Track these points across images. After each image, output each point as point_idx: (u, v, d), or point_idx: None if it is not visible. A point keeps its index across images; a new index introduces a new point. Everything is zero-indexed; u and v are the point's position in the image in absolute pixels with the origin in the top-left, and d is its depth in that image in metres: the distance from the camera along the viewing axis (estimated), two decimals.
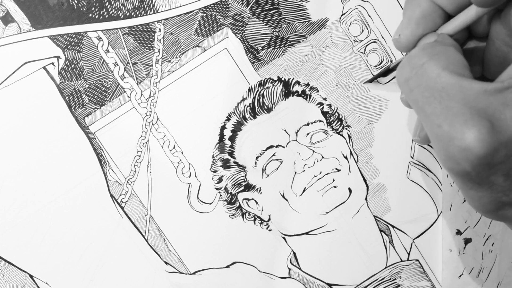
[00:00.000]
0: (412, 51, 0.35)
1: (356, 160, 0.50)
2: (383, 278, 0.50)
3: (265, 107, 0.48)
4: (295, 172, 0.49)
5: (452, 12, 0.36)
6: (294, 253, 0.50)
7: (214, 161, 0.48)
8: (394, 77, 0.49)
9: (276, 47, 0.48)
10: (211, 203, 0.48)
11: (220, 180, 0.48)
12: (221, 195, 0.49)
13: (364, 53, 0.49)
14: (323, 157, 0.49)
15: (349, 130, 0.49)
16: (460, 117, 0.30)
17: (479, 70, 0.39)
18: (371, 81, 0.49)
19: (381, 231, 0.50)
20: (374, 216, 0.50)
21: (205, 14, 0.47)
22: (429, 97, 0.32)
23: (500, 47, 0.36)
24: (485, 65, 0.38)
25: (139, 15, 0.46)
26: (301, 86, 0.49)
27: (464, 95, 0.31)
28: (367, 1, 0.48)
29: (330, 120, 0.49)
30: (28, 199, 0.46)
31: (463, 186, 0.33)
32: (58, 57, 0.46)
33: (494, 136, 0.30)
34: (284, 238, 0.49)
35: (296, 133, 0.48)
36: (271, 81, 0.48)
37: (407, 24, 0.37)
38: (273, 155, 0.48)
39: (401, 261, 0.50)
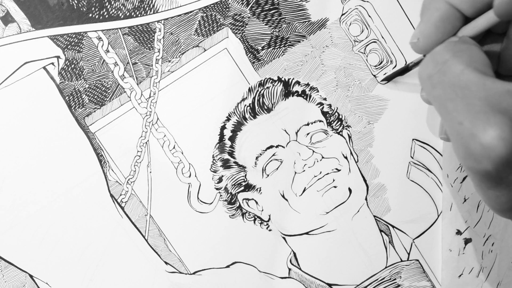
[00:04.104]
0: (436, 48, 0.35)
1: (356, 160, 0.50)
2: (383, 278, 0.50)
3: (265, 107, 0.48)
4: (295, 172, 0.49)
5: (471, 15, 0.36)
6: (294, 253, 0.50)
7: (214, 161, 0.48)
8: (393, 78, 0.49)
9: (276, 47, 0.48)
10: (211, 203, 0.48)
11: (220, 180, 0.48)
12: (221, 195, 0.49)
13: (364, 53, 0.49)
14: (323, 157, 0.49)
15: (349, 130, 0.49)
16: (482, 114, 0.30)
17: (494, 66, 0.38)
18: (388, 79, 0.49)
19: (381, 231, 0.50)
20: (374, 216, 0.50)
21: (205, 14, 0.47)
22: (452, 94, 0.32)
23: None
24: (501, 62, 0.38)
25: (139, 15, 0.46)
26: (301, 86, 0.49)
27: (487, 93, 0.31)
28: (367, 1, 0.48)
29: (330, 120, 0.49)
30: (28, 199, 0.46)
31: (481, 184, 0.33)
32: (58, 57, 0.46)
33: None
34: (284, 238, 0.49)
35: (296, 133, 0.48)
36: (271, 81, 0.48)
37: (425, 27, 0.37)
38: (273, 155, 0.48)
39: (401, 261, 0.50)
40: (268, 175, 0.48)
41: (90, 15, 0.46)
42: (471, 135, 0.31)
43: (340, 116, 0.49)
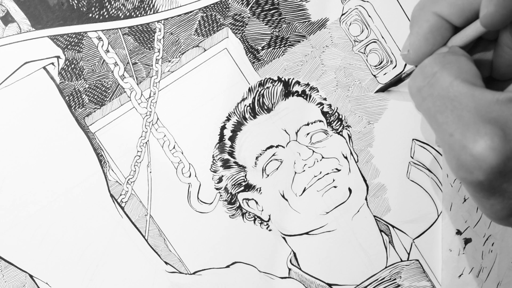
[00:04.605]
0: (425, 61, 0.35)
1: (356, 160, 0.50)
2: (383, 278, 0.50)
3: (265, 107, 0.48)
4: (295, 172, 0.49)
5: (460, 25, 0.36)
6: (294, 253, 0.50)
7: (214, 161, 0.48)
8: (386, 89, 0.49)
9: (276, 47, 0.48)
10: (211, 203, 0.48)
11: (220, 180, 0.48)
12: (221, 195, 0.49)
13: (364, 53, 0.49)
14: (323, 157, 0.49)
15: (349, 130, 0.49)
16: (472, 126, 0.30)
17: (488, 71, 0.39)
18: (382, 90, 0.49)
19: (381, 231, 0.50)
20: (374, 216, 0.50)
21: (205, 14, 0.47)
22: (441, 106, 0.32)
23: (509, 52, 0.36)
24: (494, 67, 0.38)
25: (139, 15, 0.46)
26: (301, 86, 0.49)
27: (476, 104, 0.31)
28: (367, 1, 0.48)
29: (330, 120, 0.49)
30: (28, 199, 0.46)
31: (475, 194, 0.33)
32: (58, 57, 0.46)
33: (506, 144, 0.30)
34: (284, 238, 0.49)
35: (296, 133, 0.48)
36: (271, 81, 0.48)
37: (415, 39, 0.37)
38: (273, 155, 0.48)
39: (401, 261, 0.50)
40: (268, 175, 0.48)
41: (90, 15, 0.46)
42: (462, 147, 0.31)
43: (340, 116, 0.49)
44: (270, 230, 0.49)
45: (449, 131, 0.32)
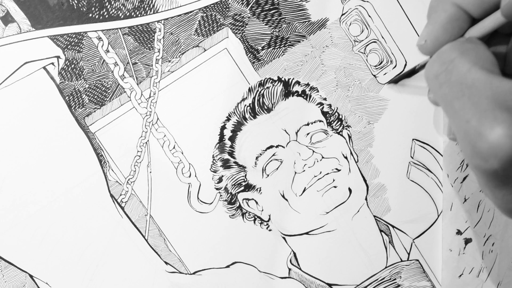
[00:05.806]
0: (443, 48, 0.35)
1: (356, 160, 0.50)
2: (383, 278, 0.50)
3: (265, 107, 0.48)
4: (295, 172, 0.49)
5: (478, 17, 0.36)
6: (294, 253, 0.50)
7: (214, 161, 0.48)
8: (399, 81, 0.49)
9: (276, 47, 0.48)
10: (211, 203, 0.48)
11: (220, 180, 0.48)
12: (221, 195, 0.49)
13: (364, 53, 0.49)
14: (323, 157, 0.49)
15: (349, 130, 0.49)
16: (490, 113, 0.30)
17: (501, 66, 0.38)
18: (395, 82, 0.49)
19: (381, 231, 0.50)
20: (374, 216, 0.50)
21: (205, 14, 0.47)
22: (458, 92, 0.32)
23: None
24: (508, 62, 0.38)
25: (139, 15, 0.46)
26: (301, 86, 0.49)
27: (494, 91, 0.31)
28: (367, 1, 0.48)
29: (330, 120, 0.49)
30: (28, 199, 0.46)
31: (487, 184, 0.33)
32: (58, 57, 0.46)
33: None
34: (284, 238, 0.49)
35: (296, 133, 0.48)
36: (271, 81, 0.48)
37: (432, 29, 0.37)
38: (273, 155, 0.48)
39: (401, 261, 0.50)
40: (268, 175, 0.48)
41: (90, 15, 0.46)
42: (478, 134, 0.31)
43: (340, 116, 0.49)
44: (270, 230, 0.49)
45: (465, 117, 0.31)
